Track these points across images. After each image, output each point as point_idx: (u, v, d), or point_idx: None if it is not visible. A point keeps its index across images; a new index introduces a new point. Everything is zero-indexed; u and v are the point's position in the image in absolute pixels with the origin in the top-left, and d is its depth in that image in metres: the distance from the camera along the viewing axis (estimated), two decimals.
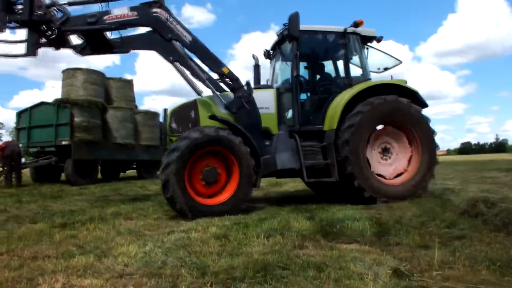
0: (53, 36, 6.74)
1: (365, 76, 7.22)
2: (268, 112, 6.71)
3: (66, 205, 7.54)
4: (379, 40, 7.51)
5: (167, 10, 6.48)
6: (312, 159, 6.49)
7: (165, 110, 6.82)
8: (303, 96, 7.17)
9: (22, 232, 4.47)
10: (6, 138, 54.35)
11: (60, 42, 6.93)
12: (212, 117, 6.39)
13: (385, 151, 6.84)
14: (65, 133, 13.94)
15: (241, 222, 4.87)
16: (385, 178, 6.67)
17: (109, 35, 6.78)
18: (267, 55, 8.14)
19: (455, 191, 6.95)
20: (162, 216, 5.81)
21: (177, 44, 6.50)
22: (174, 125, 6.55)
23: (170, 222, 5.28)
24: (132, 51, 7.03)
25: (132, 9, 6.49)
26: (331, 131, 6.54)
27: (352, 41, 7.19)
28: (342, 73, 7.44)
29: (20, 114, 15.65)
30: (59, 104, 14.27)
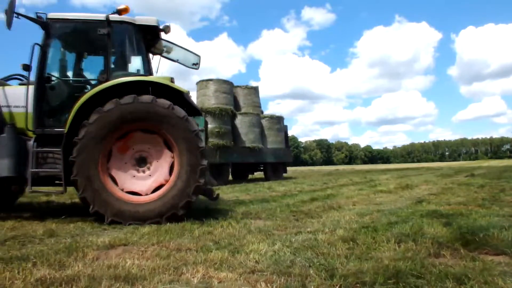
0: None
1: (141, 72, 6.27)
2: (18, 112, 6.02)
3: (202, 204, 8.25)
4: (165, 30, 6.49)
5: None
6: (51, 167, 5.70)
7: None
8: (57, 94, 6.16)
9: (168, 227, 5.02)
10: None
11: None
12: None
13: (141, 162, 5.75)
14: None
15: (369, 225, 4.74)
16: (141, 195, 5.61)
17: None
18: None
19: None
20: (289, 217, 5.95)
21: None
22: None
23: (297, 223, 5.39)
24: None
25: None
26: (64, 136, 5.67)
27: (120, 32, 6.14)
28: (102, 67, 6.28)
29: None
30: None
